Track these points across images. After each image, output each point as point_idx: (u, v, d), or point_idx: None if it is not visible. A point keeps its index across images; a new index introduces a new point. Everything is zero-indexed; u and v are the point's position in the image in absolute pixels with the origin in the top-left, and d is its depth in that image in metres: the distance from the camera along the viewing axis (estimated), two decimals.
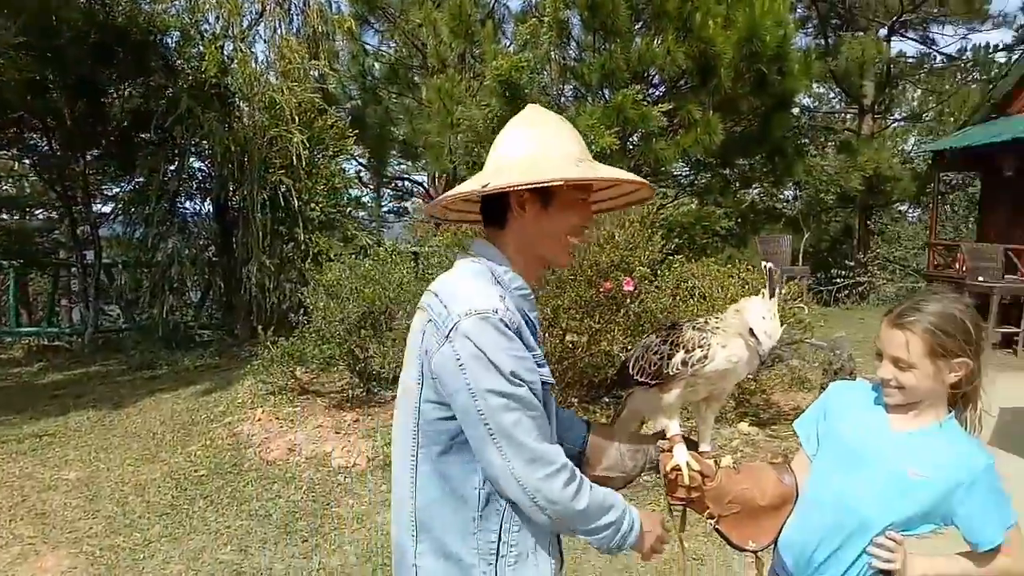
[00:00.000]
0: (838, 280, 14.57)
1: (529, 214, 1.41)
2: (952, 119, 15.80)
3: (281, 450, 4.94)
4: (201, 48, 6.53)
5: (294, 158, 6.44)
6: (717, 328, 1.59)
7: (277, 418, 5.41)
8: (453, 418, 1.35)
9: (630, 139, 7.81)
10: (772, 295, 1.56)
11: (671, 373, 1.59)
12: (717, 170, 10.43)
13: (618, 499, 1.44)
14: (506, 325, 1.32)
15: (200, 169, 8.32)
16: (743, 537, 1.72)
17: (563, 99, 8.13)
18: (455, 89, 6.34)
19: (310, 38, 7.71)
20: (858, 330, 10.53)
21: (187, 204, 8.35)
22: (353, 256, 5.93)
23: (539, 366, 1.40)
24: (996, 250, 10.47)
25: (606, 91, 7.76)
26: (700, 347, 1.58)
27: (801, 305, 7.51)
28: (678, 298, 5.46)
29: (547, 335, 5.00)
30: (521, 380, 1.31)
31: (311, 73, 7.12)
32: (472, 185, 1.40)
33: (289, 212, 6.85)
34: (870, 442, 1.58)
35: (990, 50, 16.84)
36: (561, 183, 1.36)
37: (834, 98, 19.05)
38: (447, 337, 1.31)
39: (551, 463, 1.32)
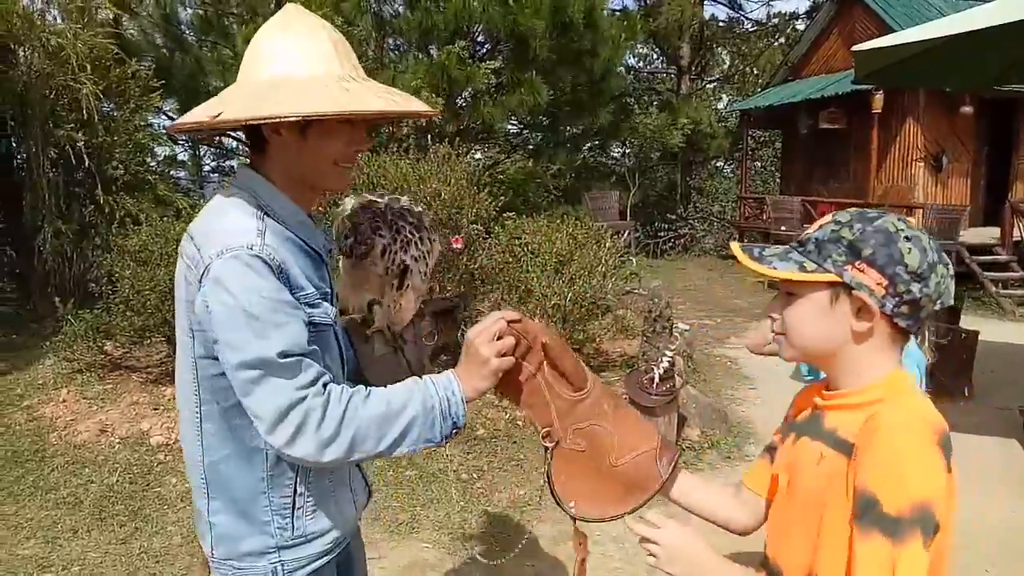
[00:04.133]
0: (663, 233, 15.50)
1: (287, 140, 1.26)
2: (760, 80, 17.11)
3: (91, 432, 4.56)
4: None
5: (85, 112, 5.75)
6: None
7: (85, 398, 4.97)
8: None
9: (459, 98, 7.78)
10: (400, 287, 1.44)
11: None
12: (549, 130, 10.69)
13: (406, 392, 1.25)
14: (263, 261, 1.19)
15: None
16: (570, 491, 1.30)
17: (384, 54, 7.92)
18: None
19: None
20: (679, 279, 11.34)
21: None
22: (165, 219, 5.47)
23: (313, 305, 1.28)
24: (794, 202, 11.59)
25: (432, 49, 7.65)
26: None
27: (630, 258, 7.93)
28: (509, 254, 5.59)
29: None
30: (273, 323, 1.17)
31: (100, 15, 6.33)
32: (200, 115, 1.21)
33: (88, 172, 6.17)
34: None
35: (790, 17, 18.36)
36: (318, 116, 1.19)
37: (657, 58, 20.00)
38: (200, 282, 1.20)
39: (291, 422, 1.16)
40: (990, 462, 4.39)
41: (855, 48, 4.83)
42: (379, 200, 1.49)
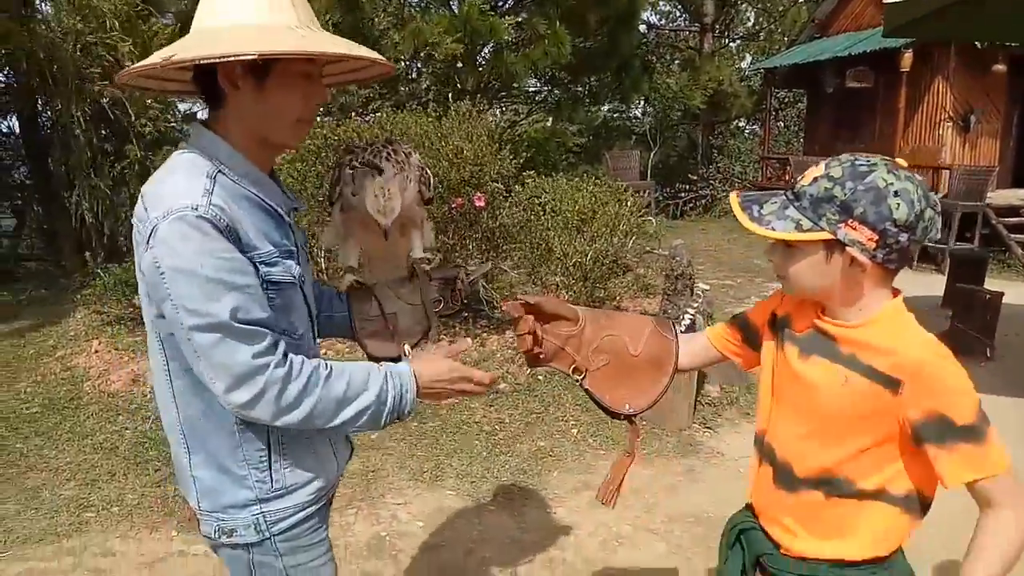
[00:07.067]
0: (683, 194, 15.37)
1: (244, 91, 1.23)
2: (785, 39, 16.73)
3: (123, 381, 4.69)
4: None
5: (120, 68, 5.79)
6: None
7: (116, 349, 5.10)
8: None
9: (480, 52, 7.70)
10: (381, 172, 1.45)
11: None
12: (568, 87, 10.56)
13: (365, 378, 1.30)
14: (210, 223, 1.16)
15: None
16: (617, 399, 1.49)
17: (407, 7, 7.83)
18: None
19: None
20: (700, 239, 11.27)
21: None
22: None
23: (270, 264, 1.26)
24: (819, 162, 11.43)
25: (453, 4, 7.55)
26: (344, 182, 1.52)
27: (650, 219, 7.89)
28: (530, 212, 5.60)
29: None
30: (226, 285, 1.16)
31: None
32: (155, 58, 1.17)
33: (119, 128, 6.20)
34: None
35: None
36: (281, 55, 1.16)
37: (680, 16, 19.59)
38: (148, 243, 1.17)
39: (251, 387, 1.18)
40: (1008, 423, 4.40)
41: (887, 0, 4.73)
42: (359, 145, 1.50)
